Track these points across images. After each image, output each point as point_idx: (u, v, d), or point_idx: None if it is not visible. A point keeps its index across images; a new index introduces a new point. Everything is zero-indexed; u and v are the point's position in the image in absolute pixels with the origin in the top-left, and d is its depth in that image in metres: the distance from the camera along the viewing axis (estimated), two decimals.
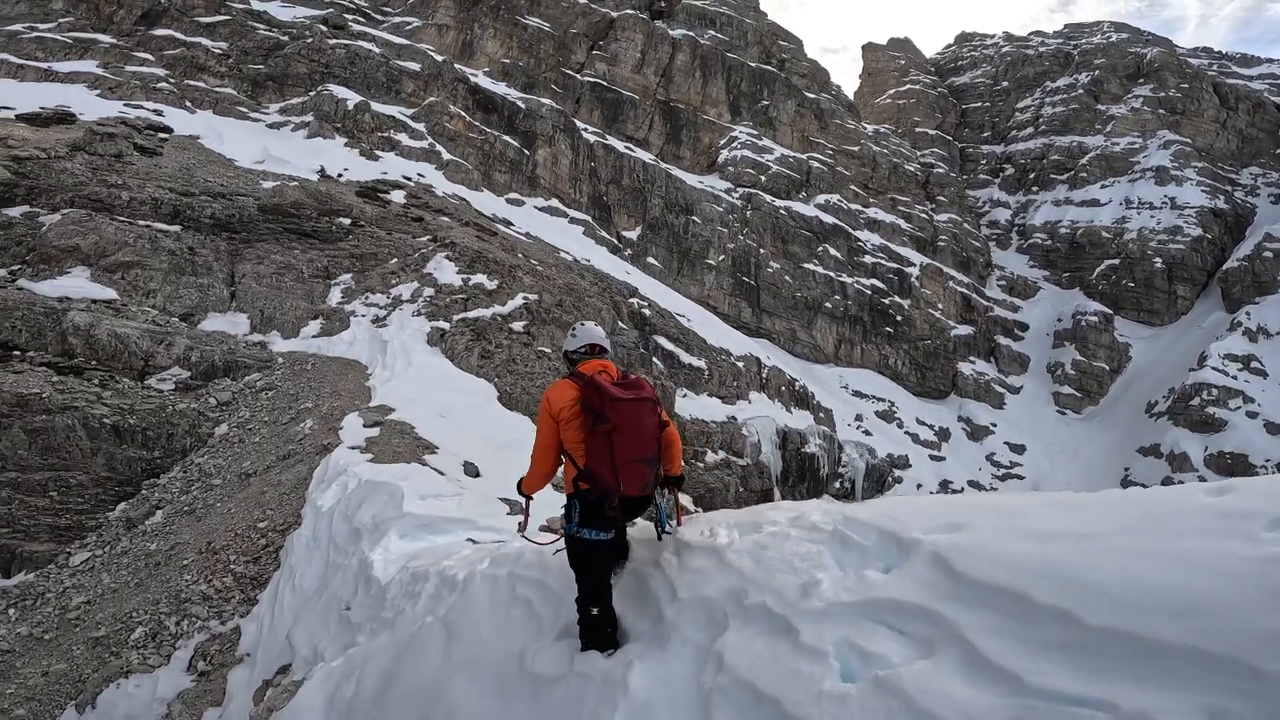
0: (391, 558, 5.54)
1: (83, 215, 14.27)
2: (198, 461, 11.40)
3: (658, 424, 3.44)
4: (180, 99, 27.57)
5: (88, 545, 10.46)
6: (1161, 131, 60.81)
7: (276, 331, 15.19)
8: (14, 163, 14.81)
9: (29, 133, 16.96)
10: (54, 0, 30.27)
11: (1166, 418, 42.90)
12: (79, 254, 13.81)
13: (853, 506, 3.21)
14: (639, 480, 3.31)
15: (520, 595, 3.95)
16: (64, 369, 12.43)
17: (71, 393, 11.80)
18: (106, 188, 15.26)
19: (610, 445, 3.23)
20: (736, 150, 48.18)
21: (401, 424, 10.35)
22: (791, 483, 26.55)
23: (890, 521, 2.82)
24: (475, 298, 16.07)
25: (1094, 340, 50.57)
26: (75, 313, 12.86)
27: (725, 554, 3.29)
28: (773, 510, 3.61)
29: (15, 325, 12.48)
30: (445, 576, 4.49)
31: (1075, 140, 63.10)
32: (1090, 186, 60.40)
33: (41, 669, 7.78)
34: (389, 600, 4.90)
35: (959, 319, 51.25)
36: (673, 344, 23.79)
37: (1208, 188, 57.13)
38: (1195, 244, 53.95)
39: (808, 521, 3.21)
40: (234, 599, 7.78)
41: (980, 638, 2.05)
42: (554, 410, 3.41)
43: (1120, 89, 65.59)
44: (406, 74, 35.04)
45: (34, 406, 11.31)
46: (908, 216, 54.65)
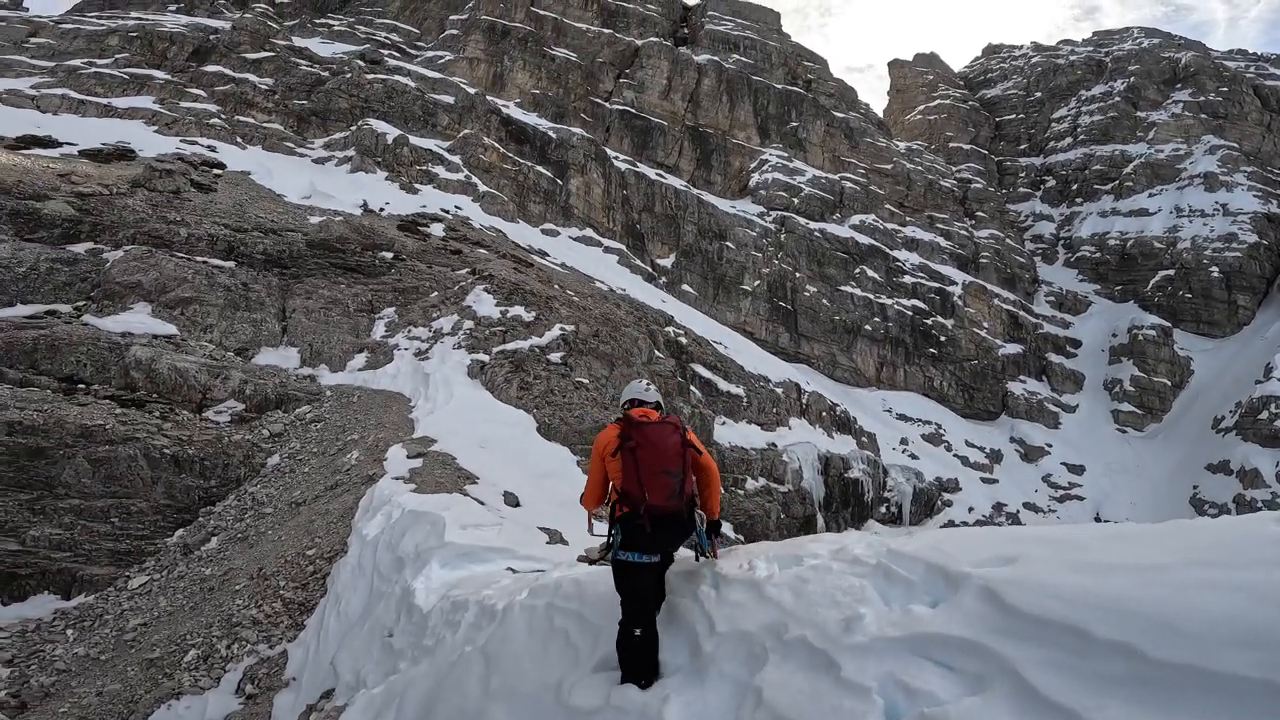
0: (433, 586, 5.61)
1: (143, 252, 15.09)
2: (251, 490, 11.79)
3: (680, 443, 3.74)
4: (231, 134, 29.07)
5: (146, 569, 10.86)
6: (1206, 137, 58.97)
7: (325, 365, 15.71)
8: (78, 199, 15.79)
9: (92, 169, 18.11)
10: (110, 36, 32.38)
11: (1235, 433, 40.66)
12: (140, 290, 14.58)
13: (897, 539, 3.10)
14: (663, 490, 3.59)
15: (558, 626, 3.96)
16: (127, 401, 13.07)
17: (133, 424, 12.37)
18: (166, 224, 16.14)
19: (635, 460, 3.62)
20: (767, 173, 48.25)
21: (443, 455, 10.53)
22: (835, 509, 25.93)
23: (938, 554, 2.73)
24: (513, 330, 16.35)
25: (1153, 355, 48.45)
26: (137, 347, 13.53)
27: (765, 587, 3.26)
28: (814, 542, 3.54)
29: (80, 360, 13.19)
30: (485, 606, 4.52)
31: (1117, 149, 61.56)
32: (1137, 196, 58.53)
33: (96, 689, 8.04)
34: (430, 628, 4.95)
35: (1006, 337, 49.77)
36: (710, 371, 23.71)
37: (1259, 192, 54.89)
38: (1252, 251, 51.69)
39: (850, 554, 3.13)
40: (282, 624, 7.97)
41: (1035, 673, 1.97)
42: (601, 450, 3.83)
43: (1158, 95, 64.02)
44: (441, 107, 36.35)
45: (98, 437, 11.88)
46: (947, 234, 53.66)
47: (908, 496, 32.18)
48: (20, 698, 8.56)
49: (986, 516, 35.80)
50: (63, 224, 16.18)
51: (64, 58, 30.82)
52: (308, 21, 44.28)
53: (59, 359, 13.26)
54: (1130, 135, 62.26)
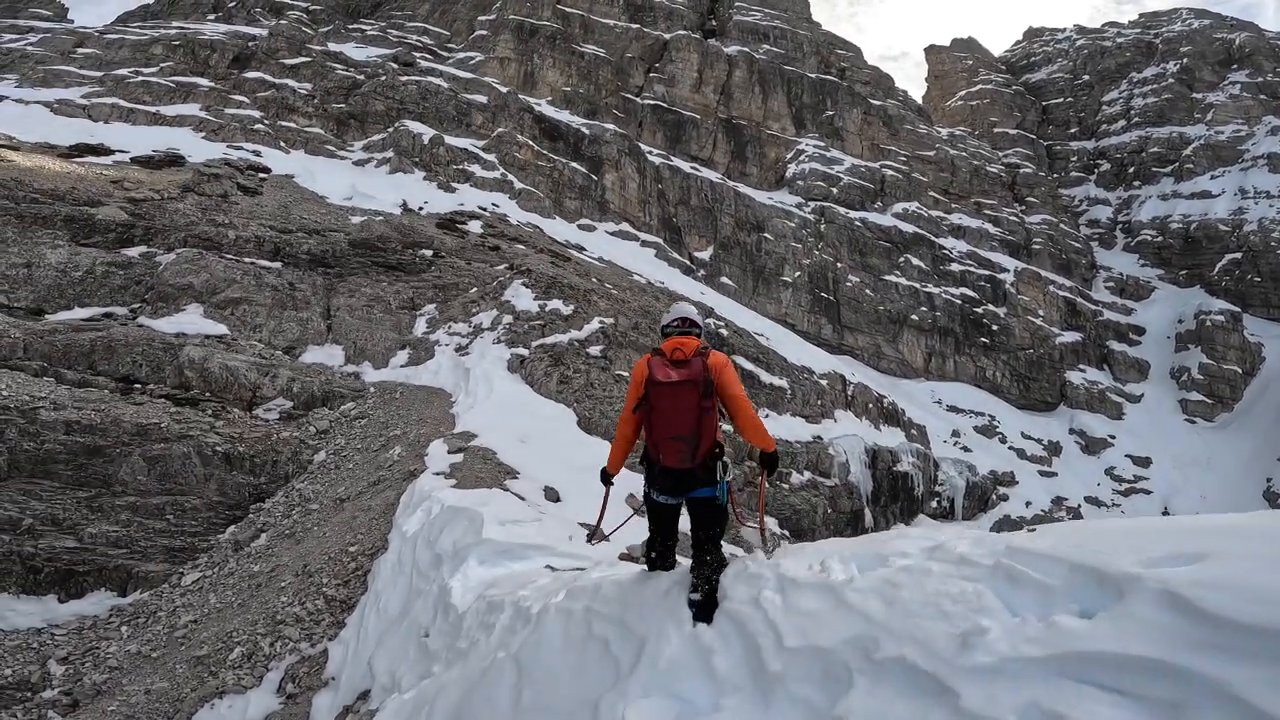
0: (470, 585, 5.40)
1: (194, 254, 15.45)
2: (298, 487, 11.89)
3: (697, 405, 3.59)
4: (275, 139, 29.77)
5: (199, 566, 11.02)
6: (1267, 118, 56.33)
7: (368, 362, 15.85)
8: (131, 204, 16.25)
9: (143, 175, 18.66)
10: (154, 45, 33.45)
11: None
12: (192, 291, 14.92)
13: (1018, 536, 2.63)
14: (676, 454, 3.59)
15: (597, 633, 3.63)
16: (181, 400, 13.39)
17: (187, 422, 12.64)
18: (215, 227, 16.50)
19: (650, 422, 3.64)
20: (804, 163, 47.20)
21: (484, 450, 10.41)
22: (884, 503, 25.08)
23: (1085, 553, 2.26)
24: (552, 323, 16.21)
25: (1222, 341, 45.71)
26: (190, 347, 13.84)
27: (844, 593, 2.81)
28: (899, 540, 3.10)
29: (136, 360, 13.57)
30: (520, 608, 4.27)
31: (1174, 131, 58.96)
32: (1199, 178, 55.82)
33: (145, 687, 8.12)
34: (464, 630, 4.73)
35: (1064, 325, 47.61)
36: (752, 364, 23.17)
37: None
38: None
39: (953, 553, 2.69)
40: (324, 621, 7.90)
41: (1261, 695, 1.58)
42: (636, 379, 3.78)
43: (1214, 76, 61.47)
44: (475, 106, 36.56)
45: (153, 435, 12.16)
46: (995, 220, 51.64)
47: (960, 490, 30.98)
48: (73, 695, 8.72)
49: (1045, 511, 34.23)
50: (116, 229, 16.72)
51: (111, 67, 31.99)
52: (341, 27, 45.08)
53: (115, 360, 13.65)
54: (1187, 117, 59.84)
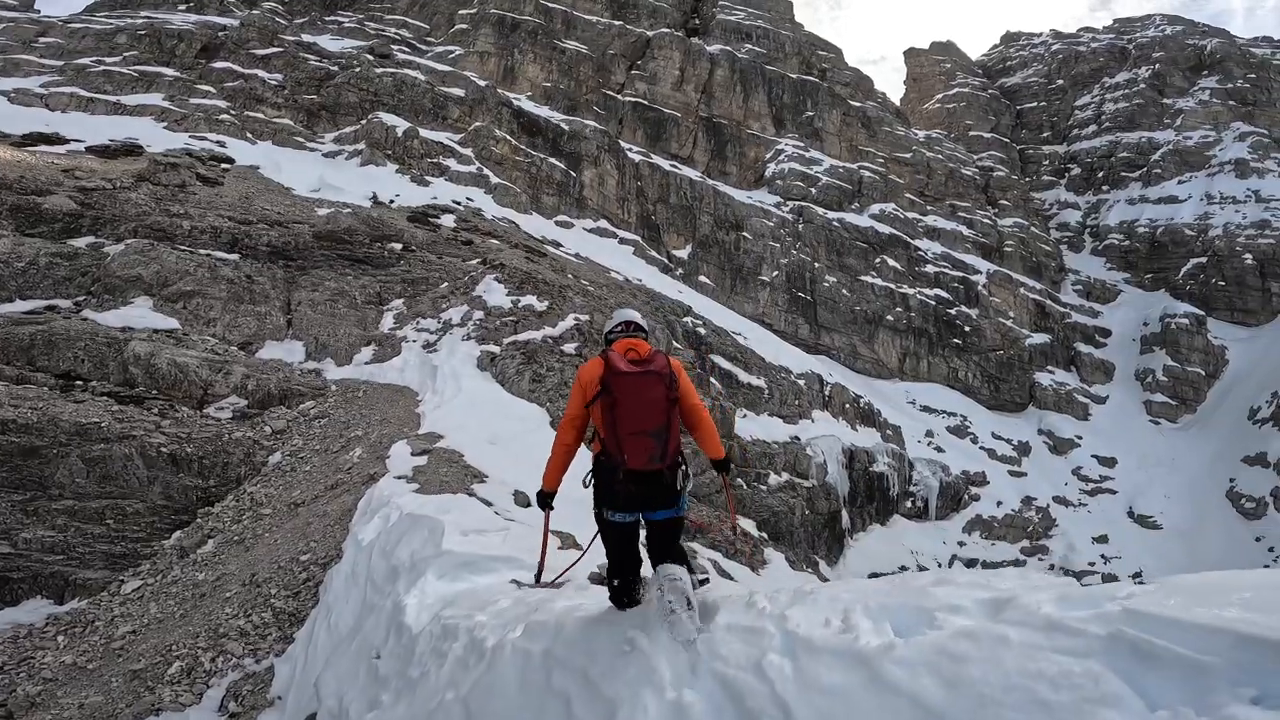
0: (427, 602, 4.92)
1: (145, 245, 14.61)
2: (250, 490, 11.23)
3: (665, 397, 3.36)
4: (241, 130, 28.75)
5: (140, 574, 10.32)
6: (1235, 123, 57.72)
7: (330, 358, 15.15)
8: (80, 194, 15.36)
9: (97, 164, 17.72)
10: (118, 35, 32.25)
11: (1272, 424, 39.16)
12: (141, 283, 14.11)
13: (1136, 596, 2.03)
14: (644, 452, 3.27)
15: (557, 687, 3.10)
16: (125, 398, 12.58)
17: (130, 421, 11.87)
18: (169, 217, 15.66)
19: (614, 416, 3.28)
20: (784, 163, 47.23)
21: (450, 452, 9.89)
22: (860, 503, 25.03)
23: (1251, 618, 1.69)
24: (525, 320, 15.69)
25: (1186, 344, 46.83)
26: (136, 342, 13.04)
27: (882, 667, 2.17)
28: (942, 587, 2.47)
29: (78, 355, 12.74)
30: (474, 639, 3.79)
31: (1144, 136, 60.18)
32: (1166, 183, 57.06)
33: (79, 700, 7.55)
34: (417, 655, 4.26)
35: (1033, 327, 48.36)
36: (730, 363, 22.90)
37: None
38: None
39: (1034, 614, 2.05)
40: (271, 636, 7.40)
41: None
42: (583, 384, 3.47)
43: (1184, 82, 62.82)
44: (452, 100, 35.79)
45: (93, 435, 11.40)
46: (969, 223, 52.28)
47: (934, 490, 31.19)
48: (7, 706, 8.13)
49: (1015, 511, 34.65)
50: (64, 218, 15.76)
51: (73, 56, 30.67)
52: (317, 19, 43.84)
53: (56, 355, 12.83)
54: (1157, 122, 60.97)
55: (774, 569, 12.81)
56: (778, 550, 13.76)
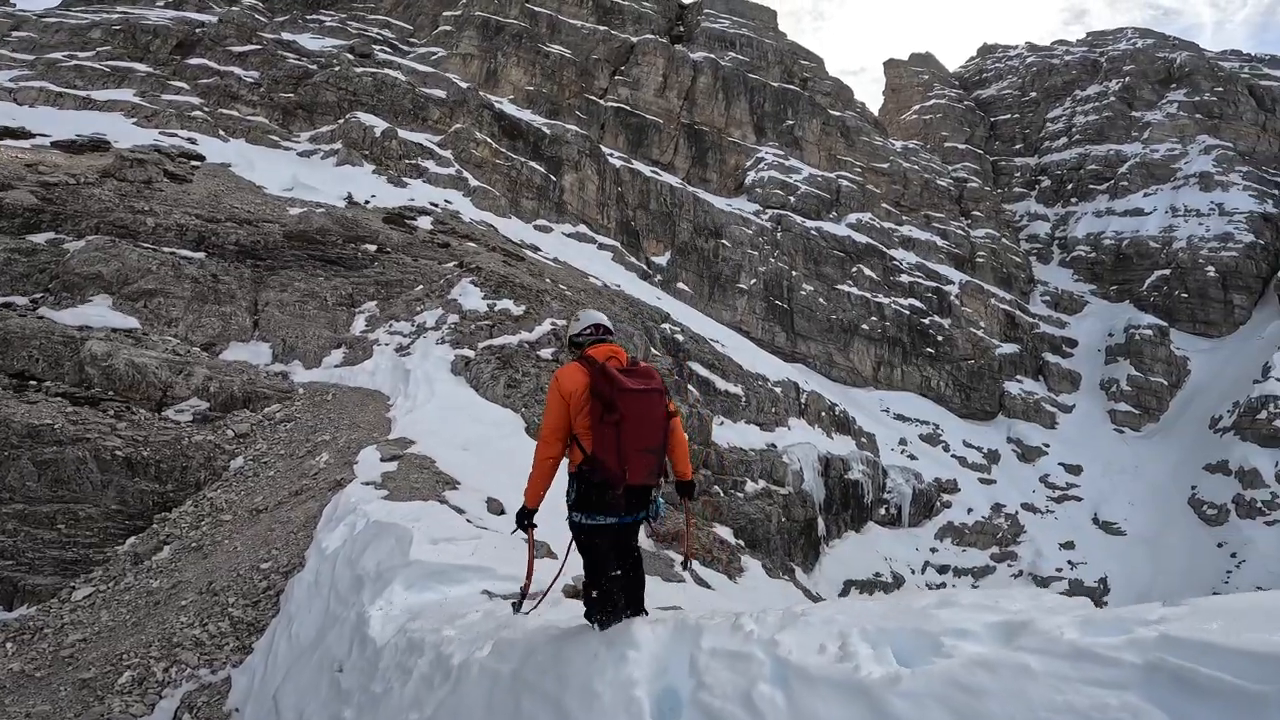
0: (393, 614, 4.72)
1: (106, 241, 14.11)
2: (210, 496, 10.86)
3: (665, 414, 3.42)
4: (214, 128, 28.12)
5: (92, 580, 9.94)
6: (1201, 137, 58.88)
7: (298, 361, 14.76)
8: (42, 188, 14.81)
9: (62, 159, 17.12)
10: (92, 29, 31.48)
11: (1233, 433, 40.26)
12: (101, 281, 13.61)
13: (1170, 620, 1.86)
14: (645, 469, 3.30)
15: (526, 714, 2.92)
16: (79, 399, 12.10)
17: (85, 424, 11.42)
18: (133, 214, 15.16)
19: (618, 435, 3.22)
20: (763, 171, 47.56)
21: (421, 458, 9.66)
22: (835, 511, 25.15)
23: None
24: (501, 324, 15.45)
25: (1149, 354, 48.05)
26: (94, 342, 12.57)
27: (887, 701, 2.00)
28: (947, 610, 2.32)
29: (33, 354, 12.25)
30: (441, 655, 3.61)
31: (1112, 149, 61.32)
32: (1132, 195, 58.29)
33: (26, 709, 7.24)
34: (381, 669, 4.06)
35: (1003, 337, 49.24)
36: (708, 370, 22.87)
37: (1255, 192, 54.73)
38: (1248, 250, 51.49)
39: (1057, 640, 1.88)
40: (228, 646, 7.16)
41: None
42: (565, 392, 3.36)
43: (1153, 95, 63.97)
44: (432, 101, 35.42)
45: (45, 437, 10.95)
46: (943, 233, 53.13)
47: (907, 498, 31.52)
48: None
49: (985, 518, 35.17)
50: (24, 213, 15.17)
51: (45, 51, 29.84)
52: (299, 17, 43.10)
53: (10, 354, 12.31)
54: (1125, 135, 62.10)
55: (751, 576, 12.74)
56: (754, 558, 13.72)
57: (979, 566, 32.88)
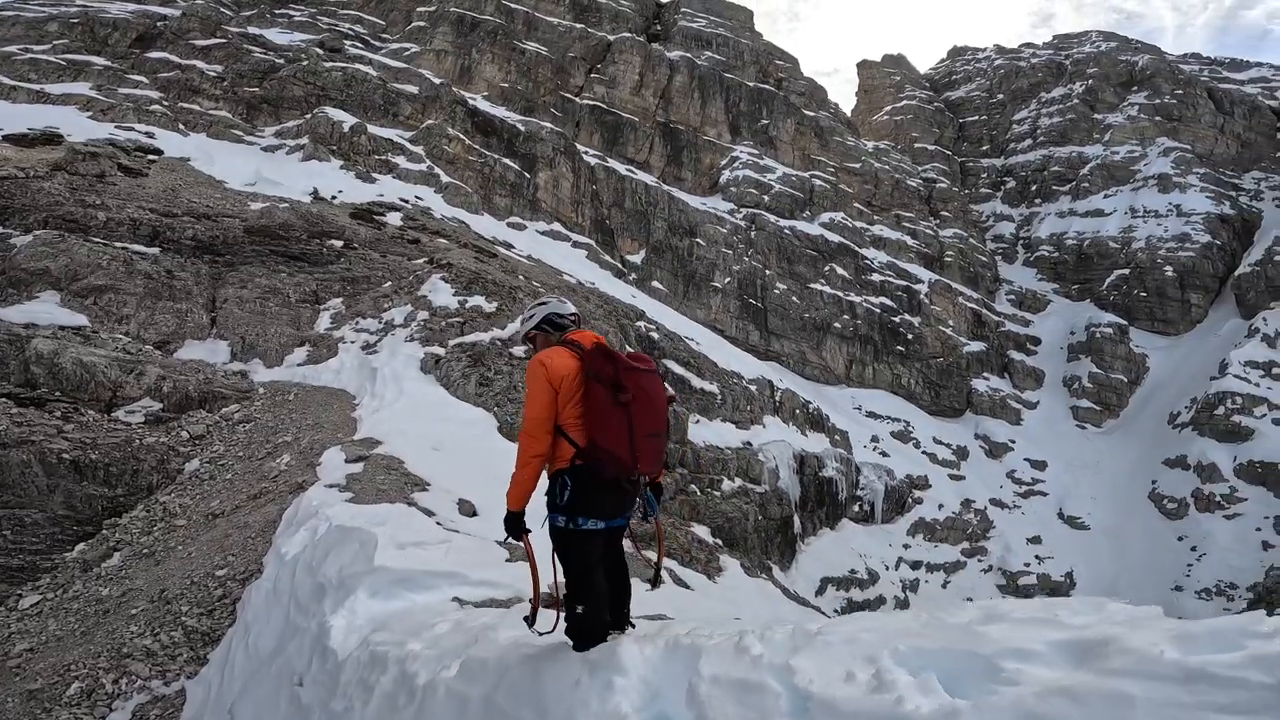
0: (357, 623, 4.43)
1: (54, 236, 13.43)
2: (163, 500, 10.37)
3: (666, 397, 3.22)
4: (174, 121, 27.18)
5: (40, 588, 9.42)
6: (1161, 139, 60.51)
7: (259, 360, 14.22)
8: None
9: (11, 152, 16.32)
10: (49, 23, 30.32)
11: (1191, 428, 41.57)
12: (48, 277, 12.94)
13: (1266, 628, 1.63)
14: (655, 456, 3.07)
15: None
16: (24, 400, 11.47)
17: (29, 425, 10.82)
18: (83, 208, 14.46)
19: (630, 418, 2.95)
20: (738, 170, 47.70)
21: (389, 458, 9.31)
22: (810, 508, 25.24)
23: None
24: (473, 321, 15.08)
25: (1110, 352, 49.38)
26: (39, 340, 11.93)
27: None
28: (994, 626, 1.98)
29: None
30: (405, 673, 3.33)
31: (1075, 150, 62.81)
32: (1093, 197, 59.86)
33: None
34: (342, 684, 3.79)
35: (970, 335, 50.15)
36: (683, 368, 22.73)
37: (1212, 194, 56.53)
38: (1205, 250, 53.18)
39: (1148, 656, 1.62)
40: (181, 657, 6.83)
41: None
42: (554, 378, 3.03)
43: (1115, 97, 65.60)
44: (404, 97, 34.71)
45: None
46: (913, 233, 53.93)
47: (879, 494, 31.83)
48: None
49: (955, 514, 35.71)
50: None
51: None
52: (266, 12, 41.71)
53: None
54: (1087, 137, 63.59)
55: (730, 575, 12.61)
56: (733, 557, 13.60)
57: (950, 562, 33.35)
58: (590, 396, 2.99)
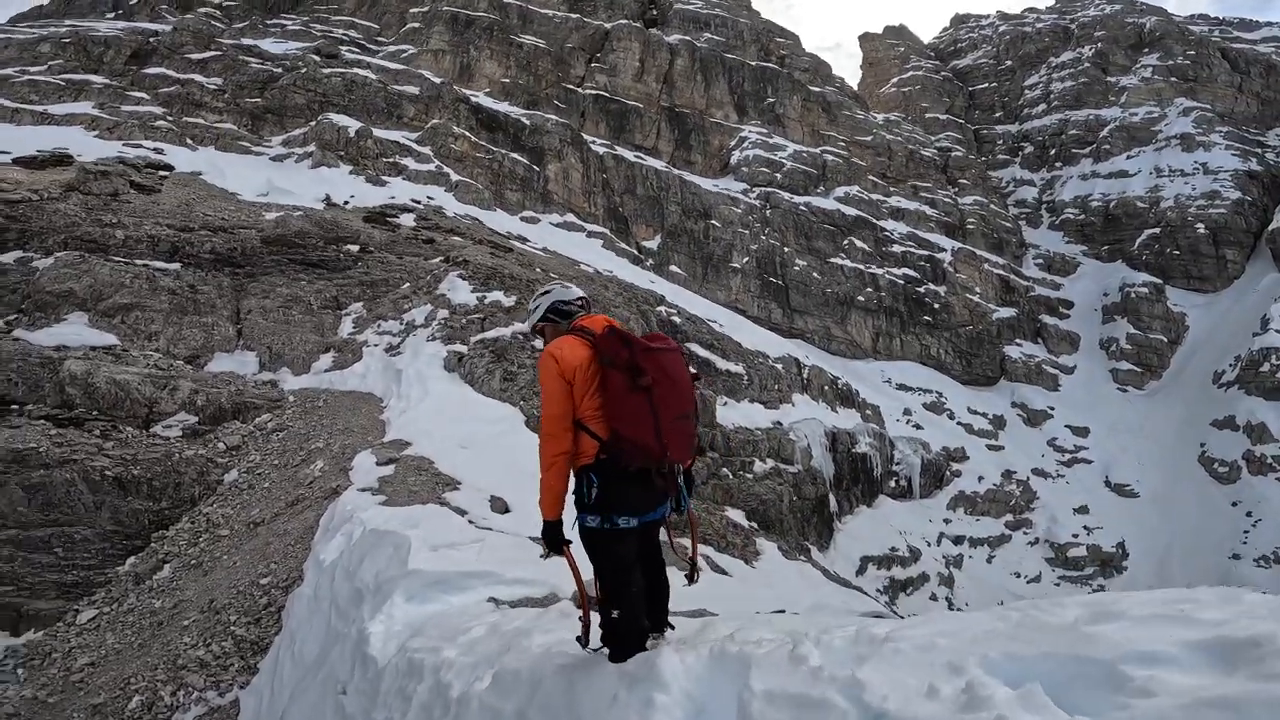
0: (394, 629, 4.34)
1: (75, 257, 13.62)
2: (205, 511, 10.53)
3: (690, 376, 3.01)
4: (180, 136, 27.38)
5: (95, 602, 9.66)
6: (1179, 99, 59.32)
7: (287, 368, 14.32)
8: (5, 206, 14.26)
9: (23, 176, 16.54)
10: (41, 44, 30.55)
11: (1237, 386, 40.11)
12: (74, 298, 13.14)
13: None
14: (686, 441, 2.87)
15: None
16: (63, 421, 11.71)
17: (70, 445, 11.06)
18: (100, 227, 14.63)
19: (652, 402, 2.75)
20: (748, 150, 47.10)
21: (419, 459, 9.30)
22: (845, 486, 24.84)
23: None
24: (493, 316, 15.01)
25: (1146, 312, 47.98)
26: (72, 361, 12.13)
27: None
28: (1106, 625, 1.68)
29: (11, 378, 11.83)
30: (440, 683, 3.18)
31: (1091, 114, 61.54)
32: (1116, 158, 58.46)
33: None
34: (382, 694, 3.69)
35: (999, 301, 49.05)
36: (707, 351, 22.44)
37: (1238, 151, 54.97)
38: (1237, 207, 51.55)
39: None
40: (233, 666, 6.88)
41: None
42: (566, 370, 2.87)
43: (1126, 60, 64.38)
44: (406, 98, 34.68)
45: (31, 462, 10.61)
46: (932, 202, 52.80)
47: (916, 469, 31.23)
48: None
49: (996, 485, 34.91)
50: None
51: None
52: (259, 23, 41.93)
53: None
54: (1103, 100, 62.43)
55: (768, 559, 12.41)
56: (769, 540, 13.39)
57: (994, 536, 32.55)
58: (608, 384, 2.81)
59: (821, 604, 7.43)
